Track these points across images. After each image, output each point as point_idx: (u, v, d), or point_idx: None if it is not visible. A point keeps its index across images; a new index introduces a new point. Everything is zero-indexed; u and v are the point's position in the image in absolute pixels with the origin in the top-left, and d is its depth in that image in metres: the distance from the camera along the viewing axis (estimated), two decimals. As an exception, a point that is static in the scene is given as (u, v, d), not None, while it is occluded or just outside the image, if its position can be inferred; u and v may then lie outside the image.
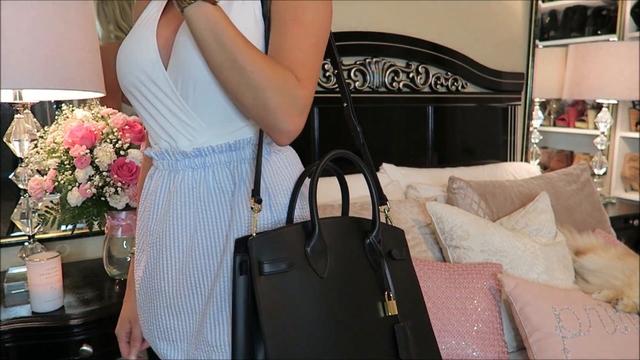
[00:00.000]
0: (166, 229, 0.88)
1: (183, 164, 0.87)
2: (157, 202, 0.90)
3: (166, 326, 0.89)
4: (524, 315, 1.43)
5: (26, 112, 1.43)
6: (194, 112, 0.84)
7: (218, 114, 0.84)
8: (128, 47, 0.88)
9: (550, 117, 3.60)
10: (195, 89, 0.82)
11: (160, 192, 0.90)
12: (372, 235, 0.87)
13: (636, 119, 3.06)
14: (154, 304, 0.90)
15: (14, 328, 1.26)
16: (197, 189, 0.86)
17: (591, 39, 3.29)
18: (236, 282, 0.77)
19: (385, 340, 0.83)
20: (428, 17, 2.24)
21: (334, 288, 0.80)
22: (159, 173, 0.91)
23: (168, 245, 0.88)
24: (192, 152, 0.85)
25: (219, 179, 0.86)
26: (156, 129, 0.89)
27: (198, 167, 0.86)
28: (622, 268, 1.62)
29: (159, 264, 0.89)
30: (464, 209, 1.80)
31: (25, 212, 1.47)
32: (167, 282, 0.88)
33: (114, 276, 1.53)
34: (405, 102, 2.20)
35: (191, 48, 0.80)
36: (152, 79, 0.84)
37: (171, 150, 0.87)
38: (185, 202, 0.86)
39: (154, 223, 0.91)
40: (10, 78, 1.18)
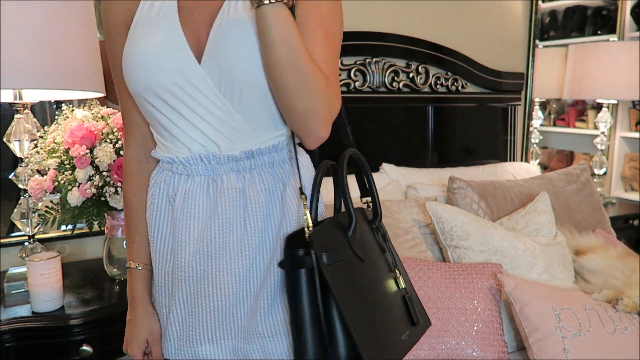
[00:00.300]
0: (213, 234, 0.87)
1: (227, 167, 0.86)
2: (198, 209, 0.87)
3: (212, 327, 0.89)
4: (524, 315, 1.43)
5: (26, 112, 1.43)
6: (239, 115, 0.83)
7: (263, 117, 0.85)
8: (149, 48, 0.82)
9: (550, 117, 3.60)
10: (242, 91, 0.82)
11: (199, 198, 0.87)
12: (377, 221, 0.97)
13: (636, 119, 3.06)
14: (199, 310, 0.89)
15: (14, 328, 1.26)
16: (246, 191, 0.86)
17: (591, 39, 3.29)
18: (296, 276, 0.81)
19: (400, 311, 0.92)
20: (428, 17, 2.24)
21: (369, 270, 0.88)
22: (189, 180, 0.87)
23: (217, 249, 0.87)
24: (240, 155, 0.85)
25: (266, 181, 0.88)
26: (189, 132, 0.85)
27: (244, 170, 0.87)
28: (622, 268, 1.62)
29: (209, 269, 0.88)
30: (464, 209, 1.80)
31: (25, 212, 1.47)
32: (216, 286, 0.88)
33: (114, 276, 1.53)
34: (405, 102, 2.20)
35: (242, 51, 0.79)
36: (189, 79, 0.81)
37: (211, 154, 0.85)
38: (233, 206, 0.86)
39: (197, 231, 0.88)
40: (10, 78, 1.18)
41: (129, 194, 0.97)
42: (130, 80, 0.85)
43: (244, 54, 0.80)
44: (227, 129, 0.84)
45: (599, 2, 3.35)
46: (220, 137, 0.84)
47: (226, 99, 0.82)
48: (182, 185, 0.88)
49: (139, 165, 0.97)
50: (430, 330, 1.43)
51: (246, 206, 0.86)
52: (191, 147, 0.86)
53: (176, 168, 0.88)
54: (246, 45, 0.80)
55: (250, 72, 0.80)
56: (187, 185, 0.88)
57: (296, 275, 0.81)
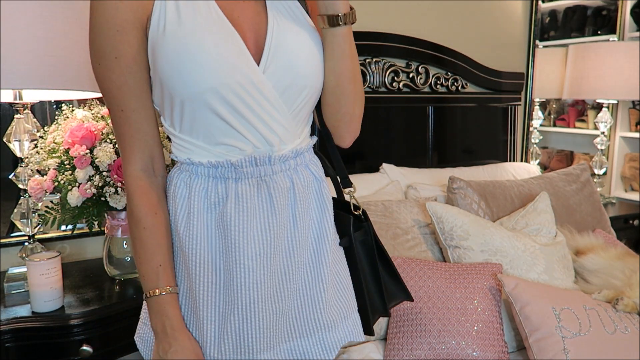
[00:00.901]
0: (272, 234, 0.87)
1: (278, 167, 0.87)
2: (255, 210, 0.85)
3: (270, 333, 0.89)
4: (524, 315, 1.43)
5: (26, 112, 1.43)
6: (292, 116, 0.87)
7: (305, 118, 0.92)
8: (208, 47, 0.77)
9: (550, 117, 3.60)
10: (299, 95, 0.86)
11: (255, 199, 0.85)
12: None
13: (636, 119, 3.06)
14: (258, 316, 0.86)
15: (14, 328, 1.26)
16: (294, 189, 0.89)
17: (591, 39, 3.29)
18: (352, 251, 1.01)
19: None
20: (428, 17, 2.24)
21: None
22: (239, 182, 0.84)
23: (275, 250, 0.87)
24: (289, 154, 0.88)
25: (306, 177, 0.92)
26: (247, 133, 0.82)
27: (290, 169, 0.89)
28: (622, 268, 1.62)
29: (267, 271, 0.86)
30: (464, 209, 1.80)
31: (25, 212, 1.47)
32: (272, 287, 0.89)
33: (114, 276, 1.53)
34: (405, 102, 2.20)
35: (303, 56, 0.85)
36: (252, 80, 0.80)
37: (262, 155, 0.84)
38: (286, 204, 0.89)
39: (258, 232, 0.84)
40: (10, 78, 1.18)
41: (147, 214, 0.86)
42: (187, 82, 0.78)
43: (304, 60, 0.85)
44: (281, 129, 0.86)
45: (599, 2, 3.35)
46: (275, 137, 0.85)
47: (284, 101, 0.85)
48: (232, 188, 0.84)
49: (151, 180, 0.88)
50: (431, 330, 1.43)
51: (296, 204, 0.89)
52: (244, 149, 0.83)
53: (221, 172, 0.84)
54: (305, 51, 0.86)
55: (310, 77, 0.86)
56: (238, 187, 0.84)
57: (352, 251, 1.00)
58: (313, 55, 0.87)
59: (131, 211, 0.87)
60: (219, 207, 0.84)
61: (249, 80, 0.80)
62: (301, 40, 0.85)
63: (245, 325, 0.85)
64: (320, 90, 0.90)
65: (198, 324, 0.88)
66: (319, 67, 0.88)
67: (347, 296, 0.99)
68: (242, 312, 0.85)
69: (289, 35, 0.84)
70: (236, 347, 0.87)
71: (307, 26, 0.89)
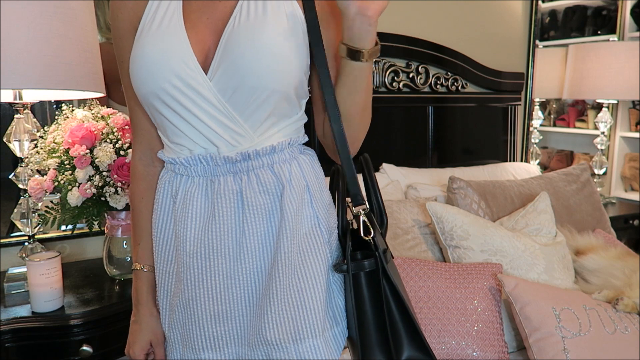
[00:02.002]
0: (211, 236, 0.87)
1: (224, 169, 0.86)
2: (195, 210, 0.87)
3: (213, 334, 0.89)
4: (524, 315, 1.43)
5: (26, 112, 1.43)
6: (241, 118, 0.84)
7: (265, 119, 0.86)
8: (154, 53, 0.83)
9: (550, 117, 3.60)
10: (251, 98, 0.82)
11: (198, 199, 0.87)
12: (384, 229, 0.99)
13: (636, 119, 3.06)
14: (198, 314, 0.89)
15: (14, 328, 1.26)
16: (244, 192, 0.86)
17: (591, 39, 3.29)
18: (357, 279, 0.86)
19: None
20: (428, 17, 2.24)
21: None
22: (189, 180, 0.88)
23: (214, 252, 0.87)
24: (236, 157, 0.85)
25: (264, 182, 0.87)
26: (190, 134, 0.86)
27: (241, 172, 0.86)
28: (622, 268, 1.62)
29: (205, 272, 0.88)
30: (464, 209, 1.80)
31: (25, 212, 1.47)
32: (214, 289, 0.88)
33: (114, 276, 1.53)
34: (405, 102, 2.20)
35: (251, 59, 0.80)
36: (191, 84, 0.82)
37: (209, 155, 0.86)
38: (230, 207, 0.86)
39: (194, 232, 0.88)
40: (10, 78, 1.18)
41: (136, 198, 0.98)
42: (136, 85, 0.86)
43: (255, 61, 0.80)
44: (228, 131, 0.85)
45: (599, 2, 3.35)
46: (220, 139, 0.85)
47: (230, 104, 0.83)
48: (183, 185, 0.89)
49: (146, 169, 0.97)
50: (430, 330, 1.43)
51: (244, 208, 0.86)
52: (192, 149, 0.87)
53: (178, 169, 0.89)
54: (257, 52, 0.80)
55: (264, 79, 0.81)
56: (187, 185, 0.88)
57: (358, 279, 0.86)
58: (271, 56, 0.81)
59: (129, 194, 1.03)
60: (175, 202, 0.90)
61: (187, 84, 0.82)
62: (258, 41, 0.80)
63: (186, 320, 0.90)
64: (283, 92, 0.84)
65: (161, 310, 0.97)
66: (278, 68, 0.82)
67: (306, 318, 0.86)
68: (183, 307, 0.90)
69: (244, 37, 0.81)
70: (182, 339, 0.92)
71: (278, 25, 0.83)
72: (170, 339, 0.94)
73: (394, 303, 0.86)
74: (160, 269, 0.94)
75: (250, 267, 0.87)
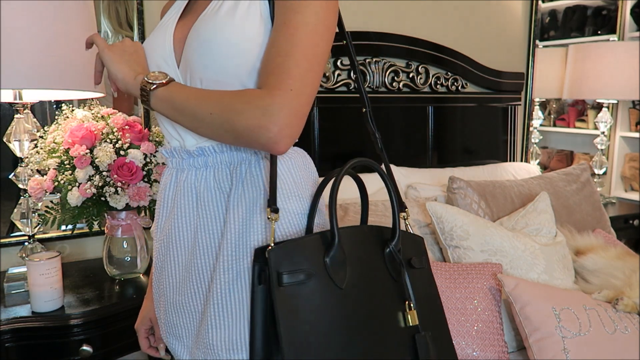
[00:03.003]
0: (173, 225, 0.89)
1: (188, 162, 0.88)
2: (165, 199, 0.92)
3: (173, 322, 0.91)
4: (524, 315, 1.43)
5: (26, 112, 1.43)
6: None
7: None
8: (147, 46, 0.91)
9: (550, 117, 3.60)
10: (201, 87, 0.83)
11: (168, 190, 0.91)
12: (392, 244, 0.86)
13: (636, 119, 3.06)
14: (163, 300, 0.93)
15: (14, 328, 1.26)
16: (198, 187, 0.87)
17: (591, 39, 3.29)
18: (255, 291, 0.76)
19: (406, 351, 0.82)
20: (428, 17, 2.24)
21: (353, 298, 0.79)
22: (168, 171, 0.93)
23: (174, 242, 0.89)
24: (196, 151, 0.86)
25: (218, 179, 0.86)
26: (168, 127, 0.90)
27: (201, 167, 0.87)
28: (622, 268, 1.62)
29: (167, 260, 0.91)
30: (464, 209, 1.80)
31: (25, 212, 1.47)
32: (173, 278, 0.90)
33: (114, 276, 1.53)
34: (405, 102, 2.20)
35: (197, 48, 0.82)
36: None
37: (179, 148, 0.89)
38: (188, 200, 0.88)
39: (163, 220, 0.92)
40: (10, 78, 1.18)
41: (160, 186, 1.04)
42: None
43: (202, 53, 0.81)
44: None
45: (599, 2, 3.35)
46: (186, 133, 0.87)
47: None
48: (165, 176, 0.94)
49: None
50: (430, 330, 1.43)
51: (197, 203, 0.87)
52: (170, 141, 0.91)
53: (165, 160, 0.95)
54: (205, 43, 0.81)
55: (206, 69, 0.81)
56: (165, 176, 0.93)
57: (253, 290, 0.76)
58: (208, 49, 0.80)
59: None
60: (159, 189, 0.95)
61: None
62: (207, 34, 0.80)
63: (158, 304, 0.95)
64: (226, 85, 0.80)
65: None
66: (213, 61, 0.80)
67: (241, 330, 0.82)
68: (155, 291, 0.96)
69: (201, 31, 0.82)
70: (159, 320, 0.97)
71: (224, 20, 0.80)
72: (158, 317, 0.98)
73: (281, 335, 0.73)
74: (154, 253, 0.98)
75: (202, 263, 0.85)
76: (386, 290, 0.83)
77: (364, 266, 0.82)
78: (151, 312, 1.05)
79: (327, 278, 0.77)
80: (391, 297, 0.83)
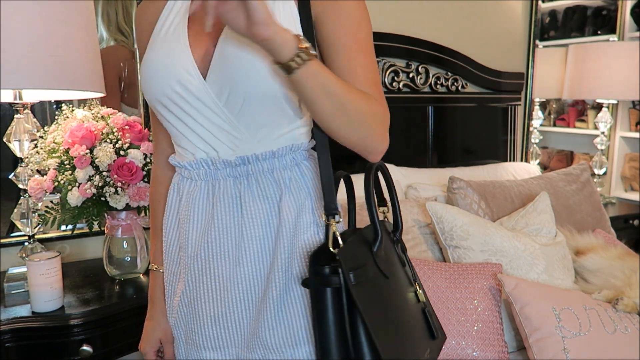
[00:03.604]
0: (211, 239, 0.88)
1: (224, 173, 0.87)
2: (197, 212, 0.89)
3: (214, 334, 0.90)
4: (524, 315, 1.43)
5: (26, 112, 1.43)
6: (238, 122, 0.84)
7: (263, 124, 0.85)
8: (158, 59, 0.86)
9: (550, 117, 3.60)
10: (244, 101, 0.82)
11: (199, 202, 0.89)
12: (398, 233, 0.96)
13: (636, 119, 3.06)
14: (200, 314, 0.91)
15: (14, 328, 1.26)
16: (242, 197, 0.87)
17: (591, 39, 3.29)
18: (322, 294, 0.79)
19: (420, 325, 0.92)
20: (428, 17, 2.24)
21: (393, 285, 0.87)
22: (192, 183, 0.90)
23: (214, 255, 0.88)
24: (236, 161, 0.86)
25: (263, 187, 0.87)
26: (192, 139, 0.88)
27: (241, 176, 0.87)
28: (622, 268, 1.62)
29: (205, 274, 0.89)
30: (464, 209, 1.80)
31: (25, 212, 1.47)
32: (214, 291, 0.89)
33: (114, 276, 1.53)
34: (405, 102, 2.20)
35: (240, 69, 0.80)
36: (190, 90, 0.83)
37: (210, 159, 0.87)
38: (230, 211, 0.87)
39: (196, 234, 0.90)
40: (10, 78, 1.18)
41: (154, 200, 1.03)
42: (143, 90, 0.89)
43: (247, 65, 0.80)
44: (227, 136, 0.86)
45: (599, 2, 3.35)
46: (220, 144, 0.86)
47: (227, 108, 0.83)
48: (187, 188, 0.91)
49: (164, 172, 1.01)
50: (430, 330, 1.43)
51: (242, 212, 0.87)
52: (195, 153, 0.89)
53: (184, 172, 0.92)
54: (250, 55, 0.79)
55: (251, 82, 0.80)
56: (190, 188, 0.91)
57: (322, 294, 0.79)
58: (253, 63, 0.79)
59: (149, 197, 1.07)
60: (180, 203, 0.93)
61: (187, 90, 0.83)
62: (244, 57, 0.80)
63: (189, 319, 0.93)
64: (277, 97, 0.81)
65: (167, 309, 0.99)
66: (259, 75, 0.79)
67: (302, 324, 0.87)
68: (185, 307, 0.93)
69: (233, 44, 0.80)
70: (185, 337, 0.95)
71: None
72: (175, 337, 0.97)
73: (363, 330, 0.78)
74: (167, 269, 0.97)
75: (248, 270, 0.87)
76: (401, 274, 0.93)
77: (387, 257, 0.90)
78: (160, 332, 1.01)
79: (377, 271, 0.84)
80: (404, 280, 0.92)
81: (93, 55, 1.33)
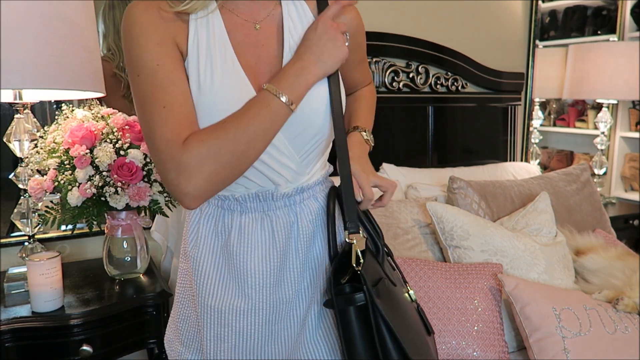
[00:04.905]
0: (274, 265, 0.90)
1: (280, 203, 0.90)
2: (255, 243, 0.89)
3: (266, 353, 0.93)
4: (524, 315, 1.43)
5: (26, 112, 1.43)
6: (300, 158, 0.88)
7: (317, 157, 0.93)
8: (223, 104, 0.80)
9: (550, 117, 3.60)
10: (312, 140, 0.87)
11: (256, 232, 0.90)
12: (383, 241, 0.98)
13: (636, 119, 3.06)
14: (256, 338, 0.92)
15: (14, 328, 1.26)
16: (298, 223, 0.91)
17: (591, 39, 3.29)
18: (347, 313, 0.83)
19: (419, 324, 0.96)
20: (428, 17, 2.24)
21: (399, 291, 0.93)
22: (244, 215, 0.89)
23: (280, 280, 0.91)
24: (293, 192, 0.90)
25: (312, 211, 0.92)
26: (250, 175, 0.87)
27: (295, 204, 0.91)
28: (622, 268, 1.62)
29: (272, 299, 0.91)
30: (464, 209, 1.80)
31: (25, 212, 1.47)
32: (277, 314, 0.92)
33: (114, 276, 1.53)
34: (405, 102, 2.19)
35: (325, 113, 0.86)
36: None
37: (266, 192, 0.89)
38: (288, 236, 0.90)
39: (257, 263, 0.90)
40: (10, 78, 1.18)
41: None
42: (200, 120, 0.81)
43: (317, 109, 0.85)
44: (288, 170, 0.88)
45: (599, 2, 3.35)
46: (281, 178, 0.88)
47: (292, 146, 0.86)
48: (236, 220, 0.90)
49: None
50: (431, 330, 1.43)
51: (298, 236, 0.91)
52: (249, 187, 0.89)
53: (228, 205, 0.90)
54: (318, 100, 0.85)
55: (322, 125, 0.86)
56: (242, 220, 0.90)
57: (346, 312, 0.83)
58: (324, 104, 0.86)
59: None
60: (224, 236, 0.90)
61: None
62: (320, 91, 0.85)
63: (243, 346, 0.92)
64: (330, 135, 0.90)
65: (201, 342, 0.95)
66: (326, 121, 0.87)
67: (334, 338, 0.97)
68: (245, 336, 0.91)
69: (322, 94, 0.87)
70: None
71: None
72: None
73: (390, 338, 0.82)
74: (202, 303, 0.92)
75: (296, 289, 0.92)
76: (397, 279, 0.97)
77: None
78: None
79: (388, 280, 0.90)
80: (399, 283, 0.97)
81: (93, 55, 1.32)
